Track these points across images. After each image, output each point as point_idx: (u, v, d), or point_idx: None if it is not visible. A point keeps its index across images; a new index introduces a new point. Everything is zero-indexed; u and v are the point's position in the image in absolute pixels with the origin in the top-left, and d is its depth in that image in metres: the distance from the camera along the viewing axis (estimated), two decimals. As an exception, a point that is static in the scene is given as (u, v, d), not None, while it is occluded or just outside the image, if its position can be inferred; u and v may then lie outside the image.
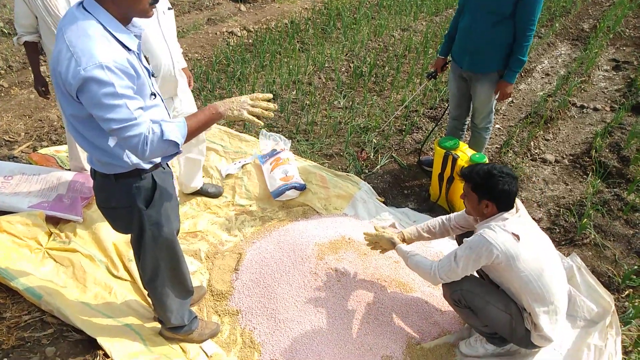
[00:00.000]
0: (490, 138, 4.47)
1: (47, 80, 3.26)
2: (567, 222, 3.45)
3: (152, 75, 1.90)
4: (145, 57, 1.97)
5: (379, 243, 2.65)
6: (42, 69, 3.26)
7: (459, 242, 2.58)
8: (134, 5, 1.64)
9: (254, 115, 1.84)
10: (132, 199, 1.92)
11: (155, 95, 1.86)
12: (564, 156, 4.28)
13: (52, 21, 2.96)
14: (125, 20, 1.68)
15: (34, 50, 3.16)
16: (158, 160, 1.95)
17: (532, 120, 4.77)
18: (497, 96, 3.37)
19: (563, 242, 3.29)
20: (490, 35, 3.15)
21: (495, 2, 3.05)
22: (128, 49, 1.67)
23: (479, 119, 3.56)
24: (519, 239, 2.09)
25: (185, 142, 1.72)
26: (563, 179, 3.99)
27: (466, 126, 3.85)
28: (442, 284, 2.45)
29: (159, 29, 2.75)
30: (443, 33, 7.03)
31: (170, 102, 3.00)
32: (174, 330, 2.43)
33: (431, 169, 3.68)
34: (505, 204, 2.20)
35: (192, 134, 1.74)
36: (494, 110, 3.55)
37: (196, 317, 2.50)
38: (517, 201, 2.28)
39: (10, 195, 3.26)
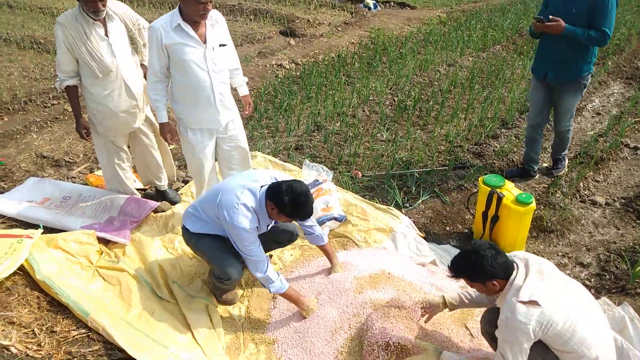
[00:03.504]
0: (537, 177, 4.38)
1: (87, 123, 3.38)
2: (619, 269, 3.29)
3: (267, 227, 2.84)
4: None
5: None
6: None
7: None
8: (275, 219, 2.66)
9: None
10: None
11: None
12: (615, 199, 4.11)
13: (96, 66, 3.09)
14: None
15: (75, 94, 3.26)
16: None
17: (581, 160, 4.63)
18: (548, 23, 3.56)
19: (614, 290, 3.13)
20: (569, 50, 3.62)
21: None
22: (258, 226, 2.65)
23: (563, 123, 4.01)
24: (539, 304, 2.02)
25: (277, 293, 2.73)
26: (614, 222, 3.83)
27: (543, 131, 4.25)
28: (481, 319, 2.44)
29: (205, 64, 2.95)
30: (490, 69, 7.01)
31: (214, 132, 3.19)
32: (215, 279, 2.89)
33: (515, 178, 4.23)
34: (505, 273, 2.15)
35: (282, 296, 2.76)
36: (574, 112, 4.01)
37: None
38: (518, 257, 2.24)
39: (66, 215, 3.47)
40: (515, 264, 2.20)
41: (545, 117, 4.12)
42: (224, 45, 3.06)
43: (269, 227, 2.86)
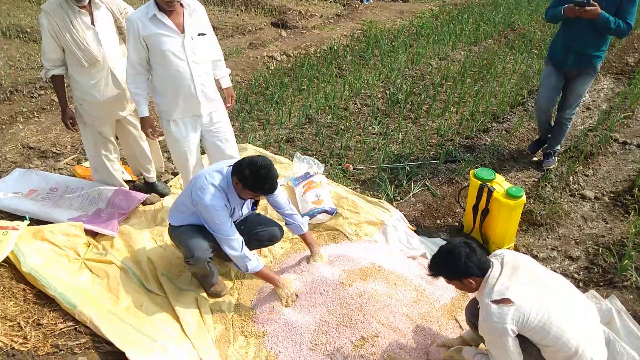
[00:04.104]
0: (527, 171, 4.41)
1: (73, 113, 3.33)
2: (607, 262, 3.32)
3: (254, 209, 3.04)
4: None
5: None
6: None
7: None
8: (241, 195, 2.67)
9: (286, 298, 2.84)
10: None
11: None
12: (604, 193, 4.14)
13: (82, 55, 3.03)
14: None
15: (61, 84, 3.21)
16: None
17: (571, 154, 4.65)
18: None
19: (601, 283, 3.16)
20: (591, 38, 3.78)
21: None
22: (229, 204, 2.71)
23: (569, 110, 4.16)
24: (512, 301, 2.03)
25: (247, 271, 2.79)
26: (603, 216, 3.85)
27: (551, 114, 4.40)
28: (465, 309, 2.49)
29: (184, 53, 2.90)
30: (482, 63, 7.01)
31: (197, 118, 3.13)
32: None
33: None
34: (481, 270, 2.17)
35: (257, 275, 2.83)
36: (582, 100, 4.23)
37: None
38: (495, 256, 2.27)
39: (52, 207, 3.42)
40: (491, 262, 2.22)
41: (552, 103, 4.28)
42: (203, 34, 2.98)
43: (244, 211, 2.91)
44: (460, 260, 2.14)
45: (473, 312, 2.31)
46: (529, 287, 2.11)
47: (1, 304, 2.62)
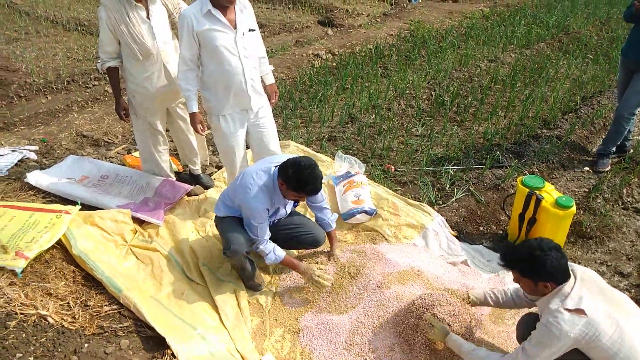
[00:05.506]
0: (578, 181, 4.23)
1: (126, 104, 3.44)
2: (662, 281, 3.14)
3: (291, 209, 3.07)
4: None
5: (430, 331, 2.49)
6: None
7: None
8: (286, 196, 2.72)
9: (317, 278, 2.85)
10: None
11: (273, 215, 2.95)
12: (662, 208, 3.93)
13: (137, 48, 3.13)
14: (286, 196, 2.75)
15: (116, 76, 3.33)
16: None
17: (625, 165, 4.43)
18: None
19: (655, 303, 3.00)
20: None
21: None
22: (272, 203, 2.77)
23: (626, 106, 4.16)
24: (585, 313, 1.95)
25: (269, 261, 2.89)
26: (659, 232, 3.65)
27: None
28: (518, 324, 2.43)
29: (236, 49, 2.96)
30: (533, 67, 6.78)
31: (245, 113, 3.19)
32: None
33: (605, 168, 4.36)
34: (562, 278, 2.08)
35: (282, 263, 2.91)
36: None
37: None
38: (573, 265, 2.17)
39: (103, 193, 3.55)
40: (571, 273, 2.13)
41: None
42: (252, 30, 3.07)
43: (288, 209, 3.01)
44: (551, 263, 2.05)
45: (530, 329, 2.21)
46: (599, 301, 2.03)
47: (53, 284, 2.75)
